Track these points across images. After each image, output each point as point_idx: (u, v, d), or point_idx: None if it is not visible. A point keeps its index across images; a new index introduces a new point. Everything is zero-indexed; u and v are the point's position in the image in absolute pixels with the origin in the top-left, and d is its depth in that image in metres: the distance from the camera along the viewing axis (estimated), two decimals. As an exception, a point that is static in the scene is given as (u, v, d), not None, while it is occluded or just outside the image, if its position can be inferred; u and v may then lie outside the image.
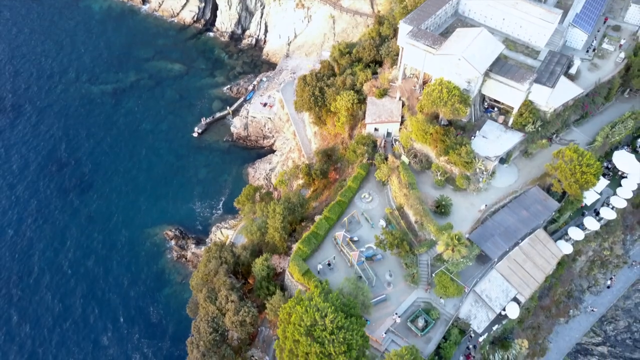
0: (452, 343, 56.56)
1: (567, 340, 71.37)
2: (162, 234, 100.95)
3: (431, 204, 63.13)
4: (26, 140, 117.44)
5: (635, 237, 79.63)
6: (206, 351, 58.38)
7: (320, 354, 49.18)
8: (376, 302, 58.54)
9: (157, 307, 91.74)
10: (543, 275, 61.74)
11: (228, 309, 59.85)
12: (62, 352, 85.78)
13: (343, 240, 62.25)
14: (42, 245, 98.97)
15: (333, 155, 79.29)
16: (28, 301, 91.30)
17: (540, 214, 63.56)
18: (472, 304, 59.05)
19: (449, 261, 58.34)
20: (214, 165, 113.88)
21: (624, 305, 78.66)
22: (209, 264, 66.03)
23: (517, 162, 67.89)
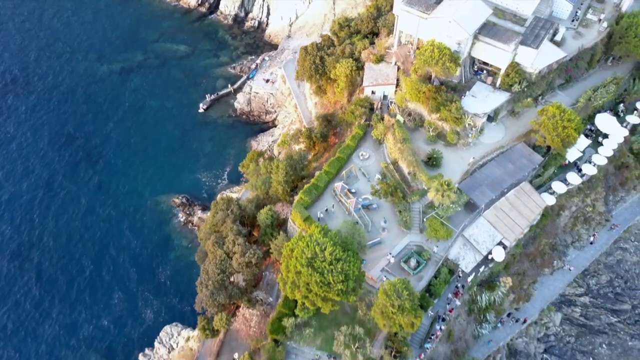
0: (441, 281, 61.35)
1: (552, 289, 76.21)
2: (169, 202, 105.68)
3: (423, 157, 67.87)
4: (39, 116, 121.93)
5: (617, 197, 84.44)
6: (214, 290, 63.04)
7: (320, 282, 54.00)
8: (371, 245, 63.35)
9: (165, 268, 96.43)
10: (527, 223, 66.55)
11: (235, 251, 64.54)
12: (79, 308, 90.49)
13: (341, 190, 67.01)
14: (57, 212, 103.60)
15: (333, 121, 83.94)
16: (47, 263, 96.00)
17: (525, 167, 68.40)
18: (460, 247, 63.84)
19: (439, 207, 63.19)
20: (218, 139, 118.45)
21: (606, 260, 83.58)
22: (217, 215, 70.79)
23: (504, 120, 72.61)
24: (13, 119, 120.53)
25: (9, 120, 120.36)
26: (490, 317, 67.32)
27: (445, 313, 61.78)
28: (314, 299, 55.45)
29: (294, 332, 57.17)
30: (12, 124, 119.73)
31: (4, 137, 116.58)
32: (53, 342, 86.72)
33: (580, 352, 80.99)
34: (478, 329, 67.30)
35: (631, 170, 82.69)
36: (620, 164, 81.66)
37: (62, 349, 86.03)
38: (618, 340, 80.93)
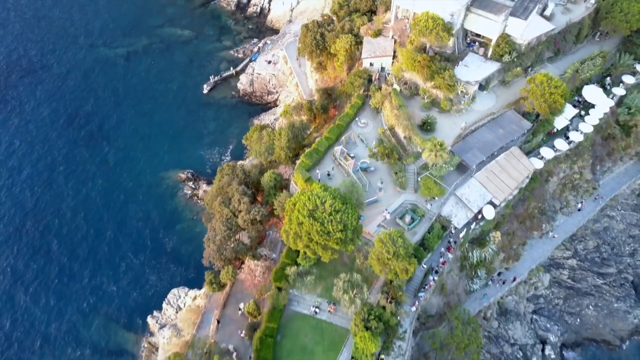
0: (434, 235, 65.27)
1: (540, 252, 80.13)
2: (175, 177, 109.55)
3: (418, 122, 71.81)
4: (51, 98, 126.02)
5: (604, 168, 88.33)
6: (221, 245, 66.98)
7: (321, 231, 57.89)
8: (369, 203, 67.28)
9: (171, 238, 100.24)
10: (516, 184, 70.46)
11: (240, 210, 68.48)
12: (89, 275, 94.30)
13: (340, 153, 70.93)
14: (69, 187, 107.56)
15: (333, 94, 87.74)
16: (60, 234, 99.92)
17: (515, 132, 72.37)
18: (453, 205, 67.73)
19: (433, 167, 67.12)
20: (222, 118, 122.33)
21: (593, 227, 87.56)
22: (222, 179, 74.73)
23: (495, 89, 76.53)
24: (28, 101, 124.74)
25: (24, 102, 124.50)
26: (481, 274, 71.27)
27: (438, 266, 65.71)
28: (314, 247, 59.40)
29: (296, 280, 61.11)
30: (28, 105, 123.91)
31: (21, 118, 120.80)
32: (64, 307, 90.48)
33: (568, 314, 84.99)
34: (470, 284, 71.27)
35: (617, 142, 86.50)
36: (607, 134, 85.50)
37: (73, 313, 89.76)
38: (604, 302, 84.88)
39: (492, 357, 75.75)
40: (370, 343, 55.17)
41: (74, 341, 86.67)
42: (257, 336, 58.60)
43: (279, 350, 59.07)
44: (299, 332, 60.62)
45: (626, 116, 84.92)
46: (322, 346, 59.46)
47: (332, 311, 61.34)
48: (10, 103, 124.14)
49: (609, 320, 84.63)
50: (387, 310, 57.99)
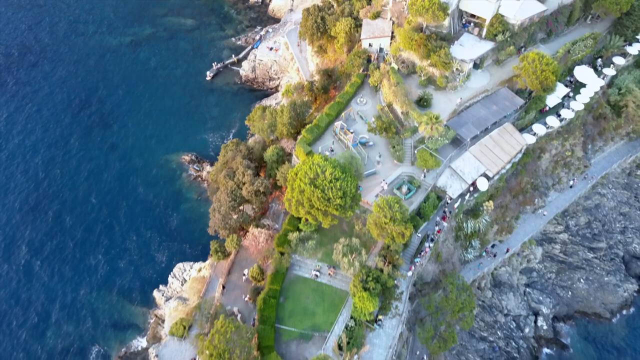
0: (430, 205, 68.18)
1: (532, 226, 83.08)
2: (179, 159, 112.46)
3: (415, 98, 74.68)
4: (58, 84, 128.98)
5: (596, 147, 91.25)
6: (226, 214, 69.97)
7: (321, 197, 60.79)
8: (367, 174, 70.23)
9: (176, 218, 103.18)
10: (509, 158, 73.28)
11: (244, 182, 71.46)
12: (96, 253, 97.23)
13: (340, 128, 73.82)
14: (77, 168, 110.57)
15: (333, 75, 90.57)
16: (69, 213, 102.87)
17: (508, 108, 75.26)
18: (448, 176, 70.63)
19: (429, 139, 70.02)
20: (224, 104, 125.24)
21: (585, 204, 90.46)
22: (227, 154, 77.68)
23: (489, 68, 79.43)
24: (38, 87, 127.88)
25: (35, 88, 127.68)
26: (476, 244, 74.23)
27: (434, 234, 68.64)
28: (315, 214, 62.33)
29: (298, 245, 64.05)
30: (36, 90, 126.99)
31: (33, 103, 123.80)
32: (74, 283, 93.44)
33: (560, 287, 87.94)
34: (464, 254, 74.23)
35: (608, 121, 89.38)
36: (598, 114, 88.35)
37: (82, 288, 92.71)
38: (595, 275, 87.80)
39: (485, 324, 78.82)
40: (369, 302, 58.14)
41: (83, 314, 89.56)
42: (260, 297, 61.61)
43: (281, 311, 62.07)
44: (300, 295, 63.63)
45: (617, 96, 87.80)
46: (322, 307, 62.45)
47: (332, 274, 64.33)
48: (23, 89, 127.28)
49: (600, 294, 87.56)
50: (384, 273, 60.94)
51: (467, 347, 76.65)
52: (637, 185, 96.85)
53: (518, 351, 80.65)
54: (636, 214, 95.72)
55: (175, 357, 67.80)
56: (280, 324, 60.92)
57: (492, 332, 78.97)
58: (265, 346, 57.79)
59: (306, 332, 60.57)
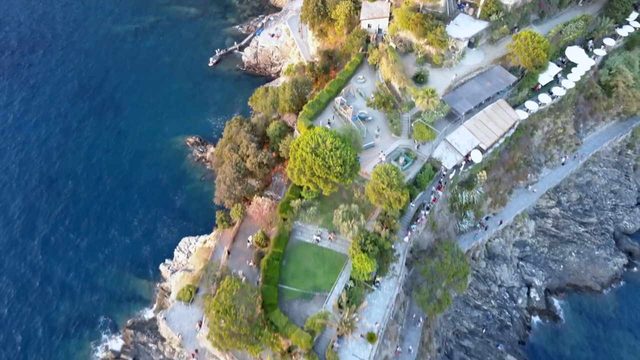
0: (426, 175, 71.29)
1: (525, 200, 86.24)
2: (184, 142, 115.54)
3: (412, 75, 77.75)
4: (65, 71, 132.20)
5: (587, 126, 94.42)
6: (231, 184, 73.11)
7: (322, 165, 63.94)
8: (366, 147, 73.35)
9: (181, 197, 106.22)
10: (502, 132, 76.44)
11: (248, 154, 74.61)
12: (103, 230, 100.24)
13: (340, 103, 76.94)
14: (85, 151, 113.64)
15: (333, 56, 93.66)
16: (77, 193, 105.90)
17: (501, 85, 78.47)
18: (443, 149, 73.77)
19: (425, 113, 73.14)
20: (227, 89, 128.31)
21: (576, 180, 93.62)
22: (231, 130, 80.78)
23: (483, 47, 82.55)
24: (45, 74, 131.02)
25: (41, 75, 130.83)
26: (470, 215, 77.40)
27: (430, 202, 71.77)
28: (316, 181, 65.52)
29: (300, 211, 67.19)
30: (45, 78, 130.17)
31: (39, 89, 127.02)
32: (82, 258, 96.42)
33: (553, 261, 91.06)
34: (459, 224, 77.39)
35: (599, 101, 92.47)
36: (589, 94, 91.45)
37: (90, 263, 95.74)
38: (586, 249, 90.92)
39: (480, 293, 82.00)
40: (367, 263, 61.27)
41: (91, 288, 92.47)
42: (264, 259, 64.81)
43: (284, 273, 65.27)
44: (302, 258, 66.82)
45: (607, 77, 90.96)
46: (323, 269, 65.65)
47: (332, 239, 67.51)
48: (29, 76, 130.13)
49: (590, 267, 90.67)
50: (382, 236, 64.08)
51: (462, 314, 79.88)
52: (628, 165, 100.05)
53: (511, 320, 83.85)
54: (627, 192, 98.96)
55: (183, 320, 71.04)
56: (283, 285, 64.13)
57: (486, 301, 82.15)
58: (269, 304, 60.99)
59: (308, 292, 63.77)
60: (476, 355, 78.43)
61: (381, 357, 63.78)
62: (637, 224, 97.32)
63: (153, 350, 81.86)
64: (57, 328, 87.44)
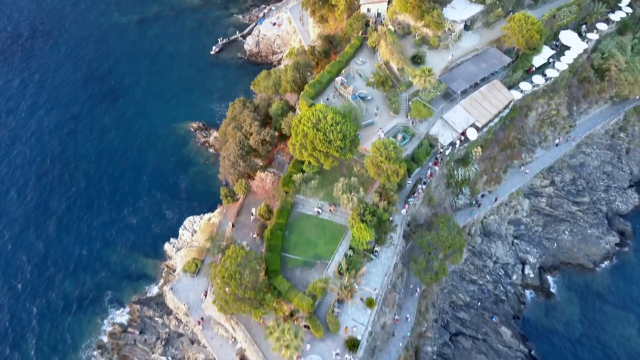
0: (423, 150, 73.98)
1: (520, 179, 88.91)
2: (187, 127, 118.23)
3: (410, 57, 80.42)
4: (70, 60, 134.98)
5: (581, 109, 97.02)
6: (235, 161, 75.76)
7: (323, 140, 66.62)
8: (365, 125, 76.04)
9: (185, 179, 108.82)
10: (496, 111, 79.10)
11: (252, 132, 77.25)
12: (109, 211, 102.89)
13: (341, 83, 79.61)
14: (92, 136, 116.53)
15: (334, 41, 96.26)
16: (83, 176, 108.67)
17: (496, 65, 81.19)
18: (440, 126, 76.45)
19: (422, 91, 75.80)
20: (229, 77, 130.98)
21: (570, 161, 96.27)
22: (235, 110, 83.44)
23: (479, 30, 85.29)
24: (51, 62, 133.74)
25: (48, 63, 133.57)
26: (466, 191, 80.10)
27: (427, 177, 74.47)
28: (318, 155, 68.21)
29: (301, 185, 69.90)
30: (51, 66, 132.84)
31: (46, 77, 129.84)
32: (90, 238, 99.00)
33: (546, 239, 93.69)
34: (455, 200, 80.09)
35: (593, 85, 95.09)
36: (583, 77, 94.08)
37: (97, 243, 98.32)
38: (579, 228, 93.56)
39: (475, 268, 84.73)
40: (366, 232, 63.99)
41: (99, 266, 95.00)
42: (268, 229, 67.60)
43: (286, 243, 68.02)
44: (304, 229, 69.57)
45: (600, 61, 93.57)
46: (323, 239, 68.41)
47: (332, 211, 70.23)
48: (35, 64, 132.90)
49: (583, 245, 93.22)
50: (380, 208, 66.77)
51: (458, 288, 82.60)
52: (620, 148, 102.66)
53: (506, 295, 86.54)
54: (619, 174, 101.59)
55: (189, 290, 73.75)
56: (285, 253, 66.87)
57: (481, 276, 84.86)
58: (272, 270, 63.74)
59: (309, 260, 66.53)
60: (471, 327, 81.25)
61: (380, 323, 66.58)
62: (629, 205, 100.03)
63: (159, 323, 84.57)
64: (67, 304, 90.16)
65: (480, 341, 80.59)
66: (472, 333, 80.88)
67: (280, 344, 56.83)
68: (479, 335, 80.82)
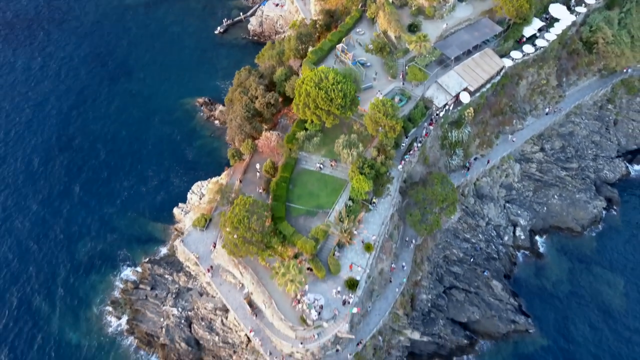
0: (419, 111, 78.75)
1: (512, 145, 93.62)
2: (193, 102, 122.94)
3: (406, 26, 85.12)
4: (80, 39, 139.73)
5: (570, 81, 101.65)
6: (241, 122, 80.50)
7: (325, 98, 71.34)
8: (365, 88, 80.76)
9: (192, 151, 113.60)
10: (488, 76, 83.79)
11: (257, 96, 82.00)
12: (120, 179, 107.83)
13: (342, 50, 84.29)
14: (103, 112, 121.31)
15: (334, 15, 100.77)
16: (100, 148, 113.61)
17: (488, 34, 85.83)
18: (434, 90, 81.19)
19: (418, 56, 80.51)
20: (234, 56, 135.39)
21: (559, 130, 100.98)
22: (241, 77, 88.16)
23: (472, 1, 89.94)
24: (61, 41, 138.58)
25: (58, 42, 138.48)
26: (459, 152, 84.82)
27: (422, 136, 79.22)
28: (320, 113, 73.02)
29: (304, 142, 74.65)
30: (61, 45, 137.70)
31: (55, 55, 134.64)
32: (101, 204, 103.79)
33: (537, 203, 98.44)
34: (449, 160, 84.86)
35: (581, 57, 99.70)
36: (572, 50, 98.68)
37: (109, 208, 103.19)
38: (567, 192, 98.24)
39: (469, 226, 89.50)
40: (364, 183, 68.81)
41: (111, 231, 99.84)
42: (273, 182, 72.50)
43: (290, 194, 72.85)
44: (306, 183, 74.41)
45: (588, 34, 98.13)
46: (325, 191, 73.28)
47: (333, 166, 75.02)
48: (47, 44, 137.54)
49: (572, 209, 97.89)
50: (378, 161, 71.56)
51: (452, 244, 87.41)
52: (608, 119, 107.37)
53: (497, 254, 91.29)
54: (607, 144, 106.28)
55: (198, 243, 78.57)
56: (289, 203, 71.64)
57: (474, 235, 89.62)
58: (277, 217, 68.55)
59: (312, 209, 71.39)
60: (464, 281, 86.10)
61: (377, 269, 71.46)
62: (616, 174, 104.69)
63: (169, 280, 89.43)
64: (81, 264, 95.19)
65: (472, 294, 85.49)
66: (465, 286, 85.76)
67: (285, 279, 61.65)
68: (471, 289, 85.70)
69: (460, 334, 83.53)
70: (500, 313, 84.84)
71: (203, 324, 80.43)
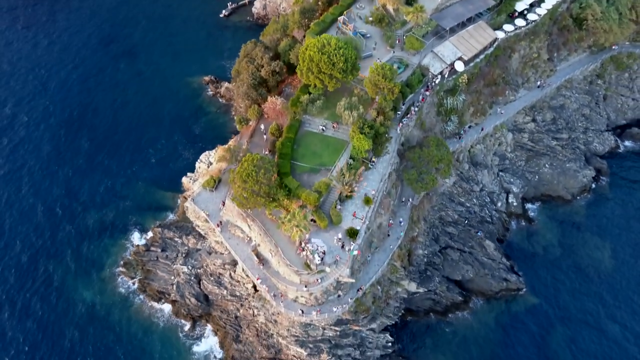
0: (416, 78, 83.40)
1: (504, 114, 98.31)
2: (200, 80, 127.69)
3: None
4: (86, 21, 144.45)
5: (561, 56, 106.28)
6: (247, 89, 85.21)
7: (327, 62, 75.95)
8: (365, 56, 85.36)
9: (199, 125, 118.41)
10: (481, 46, 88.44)
11: (263, 64, 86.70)
12: (130, 152, 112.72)
13: (343, 22, 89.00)
14: (113, 90, 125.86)
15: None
16: (111, 123, 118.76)
17: (482, 7, 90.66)
18: (430, 58, 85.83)
19: (415, 27, 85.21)
20: (239, 37, 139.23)
21: (550, 102, 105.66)
22: (247, 48, 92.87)
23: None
24: (69, 24, 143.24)
25: (72, 26, 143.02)
26: (454, 119, 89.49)
27: (419, 101, 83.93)
28: (322, 77, 77.66)
29: (308, 105, 79.35)
30: (74, 29, 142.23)
31: (64, 38, 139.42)
32: (113, 175, 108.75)
33: (529, 172, 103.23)
34: (445, 127, 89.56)
35: (572, 33, 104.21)
36: (562, 26, 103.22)
37: (119, 179, 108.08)
38: (558, 162, 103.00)
39: (463, 191, 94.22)
40: (364, 142, 73.51)
41: (122, 199, 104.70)
42: (279, 142, 77.14)
43: (295, 154, 77.49)
44: (310, 144, 79.09)
45: (578, 10, 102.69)
46: (327, 151, 77.95)
47: (335, 128, 79.70)
48: (61, 27, 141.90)
49: (562, 178, 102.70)
50: (377, 122, 76.28)
51: (447, 207, 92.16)
52: (598, 94, 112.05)
53: (491, 218, 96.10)
54: (597, 118, 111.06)
55: (208, 202, 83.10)
56: (294, 161, 76.36)
57: (468, 199, 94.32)
58: (283, 172, 73.22)
59: (315, 167, 76.08)
60: (459, 241, 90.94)
61: (376, 222, 76.21)
62: (606, 147, 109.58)
63: (179, 243, 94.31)
64: (94, 230, 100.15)
65: (466, 254, 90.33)
66: (460, 246, 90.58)
67: (291, 225, 66.41)
68: (465, 249, 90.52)
69: (454, 291, 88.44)
70: (493, 272, 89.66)
71: (212, 279, 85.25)
